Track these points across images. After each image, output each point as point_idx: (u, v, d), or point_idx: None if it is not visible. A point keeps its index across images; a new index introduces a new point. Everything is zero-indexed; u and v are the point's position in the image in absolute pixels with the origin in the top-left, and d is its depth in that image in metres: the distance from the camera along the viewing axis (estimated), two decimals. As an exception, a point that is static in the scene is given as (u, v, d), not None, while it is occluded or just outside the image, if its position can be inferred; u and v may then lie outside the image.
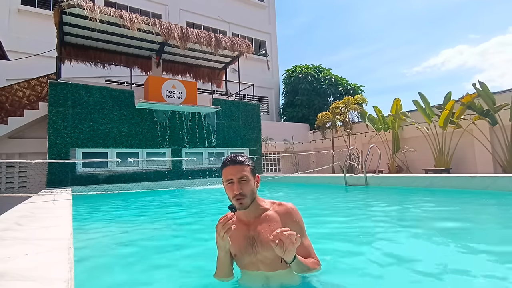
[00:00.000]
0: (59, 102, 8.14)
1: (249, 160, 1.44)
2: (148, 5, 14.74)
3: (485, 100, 8.22)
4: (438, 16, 53.29)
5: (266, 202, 1.49)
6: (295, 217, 1.43)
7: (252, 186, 1.40)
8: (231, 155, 1.43)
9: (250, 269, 1.38)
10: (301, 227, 1.43)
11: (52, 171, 7.87)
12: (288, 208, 1.45)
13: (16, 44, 11.15)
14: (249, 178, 1.38)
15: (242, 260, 1.39)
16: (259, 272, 1.37)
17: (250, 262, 1.37)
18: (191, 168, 10.20)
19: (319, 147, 15.04)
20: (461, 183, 5.38)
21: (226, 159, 1.42)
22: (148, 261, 2.19)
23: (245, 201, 1.36)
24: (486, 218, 3.30)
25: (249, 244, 1.37)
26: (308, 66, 18.27)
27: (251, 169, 1.42)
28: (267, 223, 1.39)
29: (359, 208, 4.36)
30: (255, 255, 1.36)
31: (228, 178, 1.38)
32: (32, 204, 3.56)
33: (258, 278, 1.37)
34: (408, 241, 2.42)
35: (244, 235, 1.39)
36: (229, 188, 1.38)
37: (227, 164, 1.40)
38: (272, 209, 1.45)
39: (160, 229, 3.39)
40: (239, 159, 1.39)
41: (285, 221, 1.40)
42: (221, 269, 1.38)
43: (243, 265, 1.40)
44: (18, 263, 1.17)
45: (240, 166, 1.38)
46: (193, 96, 10.23)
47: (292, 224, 1.40)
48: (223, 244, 1.29)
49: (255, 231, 1.38)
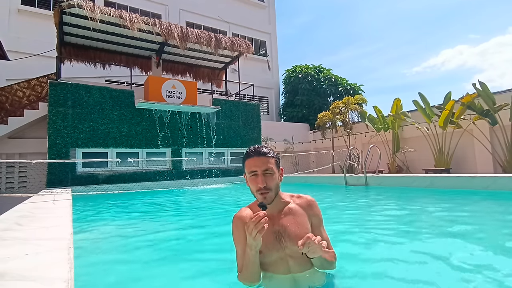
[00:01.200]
0: (59, 102, 8.14)
1: (274, 151, 1.37)
2: (148, 5, 14.75)
3: (485, 100, 8.22)
4: (438, 16, 53.31)
5: (285, 194, 1.44)
6: (316, 210, 1.43)
7: (277, 179, 1.34)
8: (255, 146, 1.37)
9: (279, 266, 1.31)
10: (320, 219, 1.43)
11: (52, 171, 7.87)
12: (308, 200, 1.43)
13: (16, 44, 11.15)
14: (274, 171, 1.32)
15: (270, 256, 1.30)
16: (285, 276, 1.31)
17: (279, 257, 1.30)
18: (191, 168, 10.20)
19: (319, 147, 15.04)
20: (461, 183, 5.38)
21: (249, 149, 1.35)
22: (148, 260, 2.19)
23: (269, 195, 1.30)
24: (486, 218, 3.30)
25: (276, 239, 1.30)
26: (308, 66, 18.27)
27: (276, 161, 1.34)
28: (291, 216, 1.36)
29: (359, 208, 4.36)
30: (284, 250, 1.30)
31: (252, 170, 1.30)
32: (32, 204, 3.56)
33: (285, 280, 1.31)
34: (408, 241, 2.42)
35: (270, 230, 1.30)
36: (253, 180, 1.31)
37: (251, 155, 1.32)
38: (293, 202, 1.41)
39: (160, 228, 3.39)
40: (264, 150, 1.32)
41: (308, 213, 1.39)
42: (250, 270, 1.26)
43: (271, 262, 1.31)
44: (18, 263, 1.17)
45: (265, 158, 1.30)
46: (193, 96, 10.23)
47: (314, 216, 1.39)
48: (254, 244, 1.18)
49: (281, 226, 1.33)
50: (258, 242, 1.18)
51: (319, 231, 1.39)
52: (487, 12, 48.88)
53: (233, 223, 1.40)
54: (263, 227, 1.13)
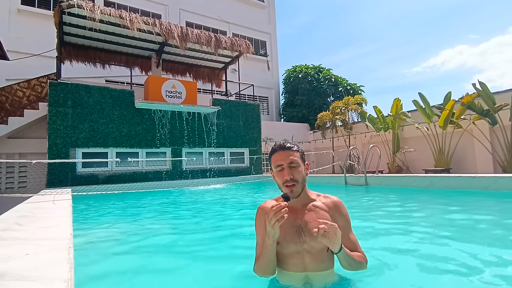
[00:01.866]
0: (59, 102, 8.14)
1: (298, 146, 1.42)
2: (148, 5, 14.75)
3: (485, 100, 8.22)
4: (438, 16, 53.31)
5: (312, 193, 1.47)
6: (343, 211, 1.43)
7: (303, 172, 1.37)
8: (280, 142, 1.41)
9: (295, 260, 1.33)
10: (347, 220, 1.43)
11: (52, 171, 7.86)
12: (335, 201, 1.44)
13: (16, 44, 11.15)
14: (299, 164, 1.36)
15: (287, 248, 1.32)
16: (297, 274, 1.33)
17: (296, 251, 1.32)
18: (191, 168, 10.20)
19: (319, 147, 15.04)
20: (461, 183, 5.38)
21: (274, 145, 1.40)
22: (148, 260, 2.19)
23: (296, 188, 1.33)
24: (486, 218, 3.30)
25: (295, 232, 1.33)
26: (308, 66, 18.27)
27: (300, 155, 1.39)
28: (315, 213, 1.37)
29: (359, 208, 4.36)
30: (302, 244, 1.32)
31: (278, 163, 1.35)
32: (32, 204, 3.56)
33: (297, 278, 1.33)
34: (408, 241, 2.42)
35: (291, 223, 1.34)
36: (279, 174, 1.35)
37: (276, 150, 1.38)
38: (319, 200, 1.43)
39: (160, 228, 3.39)
40: (288, 145, 1.38)
41: (333, 214, 1.39)
42: (266, 260, 1.29)
43: (287, 254, 1.33)
44: (18, 263, 1.17)
45: (290, 151, 1.35)
46: (193, 96, 10.23)
47: (340, 217, 1.40)
48: (272, 232, 1.21)
49: (303, 220, 1.35)
50: (276, 231, 1.20)
51: (346, 233, 1.38)
52: (487, 12, 48.90)
53: (257, 213, 1.45)
54: (283, 217, 1.16)
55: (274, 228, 1.19)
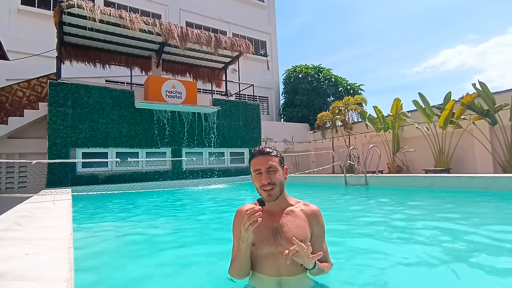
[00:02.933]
0: (59, 102, 8.13)
1: (277, 151, 1.45)
2: (148, 5, 14.74)
3: (485, 100, 8.22)
4: (438, 16, 53.32)
5: (292, 199, 1.49)
6: (320, 220, 1.44)
7: (281, 176, 1.40)
8: (260, 147, 1.45)
9: (269, 262, 1.34)
10: (323, 230, 1.45)
11: (52, 171, 7.86)
12: (314, 209, 1.45)
13: (16, 44, 11.15)
14: (278, 169, 1.39)
15: (262, 250, 1.34)
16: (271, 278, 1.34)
17: (271, 253, 1.33)
18: (191, 168, 10.20)
19: (319, 147, 15.04)
20: (461, 183, 5.38)
21: (254, 150, 1.44)
22: (148, 260, 2.19)
23: (274, 191, 1.36)
24: (486, 218, 3.30)
25: (271, 235, 1.35)
26: (308, 66, 18.26)
27: (279, 160, 1.42)
28: (292, 217, 1.39)
29: (359, 208, 4.36)
30: (277, 246, 1.33)
31: (256, 168, 1.38)
32: (32, 204, 3.56)
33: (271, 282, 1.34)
34: (408, 241, 2.42)
35: (267, 225, 1.36)
36: (257, 178, 1.38)
37: (255, 155, 1.41)
38: (298, 207, 1.45)
39: (160, 228, 3.39)
40: (266, 150, 1.41)
41: (310, 222, 1.41)
42: (239, 262, 1.32)
43: (262, 255, 1.35)
44: (18, 263, 1.17)
45: (268, 157, 1.39)
46: (193, 96, 10.23)
47: (316, 226, 1.42)
48: (246, 236, 1.23)
49: (279, 223, 1.37)
50: (249, 235, 1.22)
51: (319, 242, 1.41)
52: (487, 12, 48.89)
53: (235, 216, 1.46)
54: (256, 221, 1.17)
55: (248, 232, 1.21)
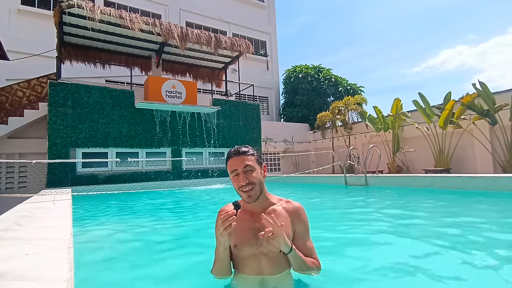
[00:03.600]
0: (59, 102, 8.13)
1: (253, 150, 1.41)
2: (148, 5, 14.74)
3: (485, 100, 8.22)
4: (438, 16, 53.33)
5: (273, 197, 1.46)
6: (303, 217, 1.41)
7: (259, 175, 1.36)
8: (235, 147, 1.41)
9: (251, 262, 1.32)
10: (306, 227, 1.41)
11: (52, 171, 7.86)
12: (296, 206, 1.42)
13: (16, 44, 11.15)
14: (255, 168, 1.35)
15: (243, 251, 1.32)
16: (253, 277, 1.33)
17: (252, 253, 1.32)
18: (191, 168, 10.20)
19: (319, 147, 15.04)
20: (461, 183, 5.38)
21: (230, 151, 1.40)
22: (148, 260, 2.19)
23: (253, 191, 1.32)
24: (486, 218, 3.30)
25: (253, 235, 1.32)
26: (308, 66, 18.27)
27: (256, 158, 1.38)
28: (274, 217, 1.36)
29: (359, 208, 4.36)
30: (258, 247, 1.31)
31: (233, 169, 1.34)
32: (32, 204, 3.56)
33: (253, 281, 1.33)
34: (408, 241, 2.42)
35: (248, 226, 1.34)
36: (235, 180, 1.34)
37: (231, 155, 1.37)
38: (280, 205, 1.42)
39: (160, 228, 3.39)
40: (242, 150, 1.37)
41: (292, 219, 1.37)
42: (219, 264, 1.32)
43: (244, 256, 1.33)
44: (18, 263, 1.17)
45: (244, 156, 1.35)
46: (193, 96, 10.23)
47: (299, 224, 1.38)
48: (222, 240, 1.23)
49: (261, 224, 1.33)
50: (225, 239, 1.21)
51: (302, 240, 1.37)
52: (487, 13, 48.89)
53: (217, 216, 1.42)
54: (230, 225, 1.16)
55: (223, 236, 1.19)
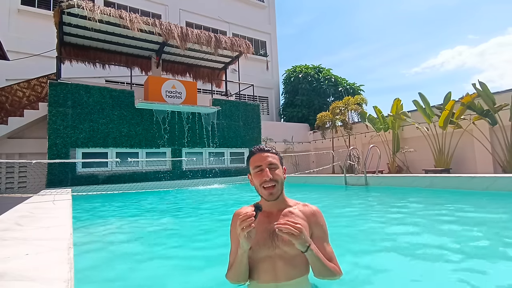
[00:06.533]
0: (59, 102, 8.13)
1: (276, 150, 1.42)
2: (148, 5, 14.75)
3: (485, 100, 8.22)
4: (437, 16, 53.32)
5: (290, 200, 1.44)
6: (320, 220, 1.38)
7: (282, 174, 1.35)
8: (258, 145, 1.42)
9: (266, 265, 1.29)
10: (325, 231, 1.38)
11: (52, 171, 7.86)
12: (313, 210, 1.40)
13: (16, 44, 11.15)
14: (279, 166, 1.35)
15: (258, 253, 1.29)
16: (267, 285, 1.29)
17: (268, 255, 1.29)
18: (191, 168, 10.20)
19: (319, 147, 15.04)
20: (461, 183, 5.38)
21: (253, 148, 1.39)
22: (148, 261, 2.20)
23: (275, 189, 1.31)
24: (486, 218, 3.30)
25: (269, 237, 1.29)
26: (308, 66, 18.27)
27: (279, 158, 1.39)
28: (290, 219, 1.32)
29: (359, 208, 4.36)
30: (274, 249, 1.28)
31: (257, 164, 1.33)
32: (32, 204, 3.56)
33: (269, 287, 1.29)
34: (408, 241, 2.42)
35: (264, 227, 1.31)
36: (258, 175, 1.32)
37: (255, 152, 1.37)
38: (297, 208, 1.40)
39: (160, 229, 3.39)
40: (267, 148, 1.38)
41: (310, 223, 1.35)
42: (237, 268, 1.27)
43: (259, 258, 1.30)
44: (18, 263, 1.17)
45: (269, 154, 1.35)
46: (193, 96, 10.23)
47: (317, 227, 1.36)
48: (241, 242, 1.18)
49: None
50: (244, 241, 1.17)
51: (321, 244, 1.33)
52: (486, 13, 48.87)
53: (232, 219, 1.41)
54: (249, 226, 1.13)
55: (241, 238, 1.16)
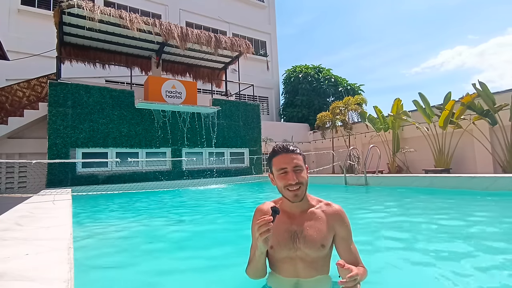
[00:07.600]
0: (59, 102, 8.13)
1: (300, 149, 1.36)
2: (148, 5, 14.75)
3: (485, 100, 8.22)
4: (437, 17, 53.35)
5: (313, 198, 1.41)
6: (344, 220, 1.34)
7: (306, 175, 1.31)
8: (281, 143, 1.35)
9: (287, 265, 1.29)
10: (349, 231, 1.35)
11: (52, 171, 7.86)
12: (336, 209, 1.36)
13: (16, 44, 11.15)
14: (303, 168, 1.30)
15: (279, 253, 1.28)
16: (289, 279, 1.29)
17: (288, 256, 1.28)
18: (191, 168, 10.20)
19: (319, 147, 15.04)
20: (461, 183, 5.38)
21: (277, 147, 1.33)
22: (148, 261, 2.19)
23: (300, 191, 1.27)
24: (486, 218, 3.30)
25: (290, 238, 1.28)
26: (308, 66, 18.27)
27: (303, 158, 1.33)
28: (313, 221, 1.31)
29: (359, 208, 4.36)
30: (295, 250, 1.27)
31: (282, 167, 1.27)
32: (32, 204, 3.56)
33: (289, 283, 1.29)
34: (408, 241, 2.42)
35: (286, 228, 1.29)
36: (283, 178, 1.27)
37: (279, 152, 1.30)
38: (319, 208, 1.36)
39: (160, 229, 3.39)
40: (291, 148, 1.31)
41: (332, 223, 1.32)
42: (254, 267, 1.27)
43: (280, 258, 1.29)
44: (18, 263, 1.17)
45: (294, 155, 1.29)
46: (193, 96, 10.23)
47: (340, 227, 1.33)
48: (259, 245, 1.16)
49: (299, 226, 1.29)
50: (261, 244, 1.14)
51: (346, 244, 1.32)
52: (486, 13, 48.91)
53: (254, 214, 1.39)
54: (267, 231, 1.10)
55: (258, 241, 1.13)
